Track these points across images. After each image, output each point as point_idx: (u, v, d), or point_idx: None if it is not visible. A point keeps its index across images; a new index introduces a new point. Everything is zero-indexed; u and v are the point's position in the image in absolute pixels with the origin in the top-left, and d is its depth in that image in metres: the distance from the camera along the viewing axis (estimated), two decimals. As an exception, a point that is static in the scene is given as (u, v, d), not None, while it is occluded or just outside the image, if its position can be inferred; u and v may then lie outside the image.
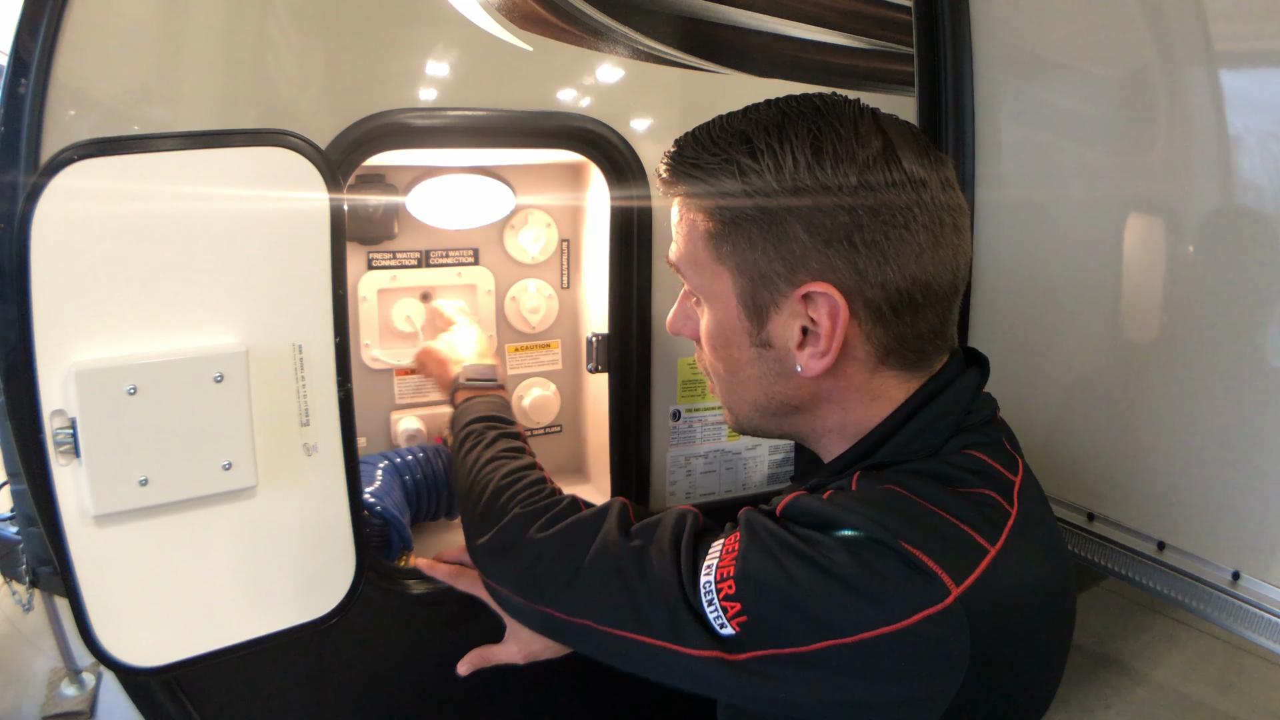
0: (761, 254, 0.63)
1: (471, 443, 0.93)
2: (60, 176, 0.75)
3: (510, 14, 0.98)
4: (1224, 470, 0.99)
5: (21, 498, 0.84)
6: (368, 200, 1.20)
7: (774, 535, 0.61)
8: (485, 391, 1.04)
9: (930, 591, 0.55)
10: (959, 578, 0.56)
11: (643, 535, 0.69)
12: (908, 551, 0.56)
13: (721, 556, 0.62)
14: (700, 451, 1.21)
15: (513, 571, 0.76)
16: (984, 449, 0.65)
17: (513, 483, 0.83)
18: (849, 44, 1.16)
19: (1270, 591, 0.95)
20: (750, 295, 0.65)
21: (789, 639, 0.57)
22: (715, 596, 0.60)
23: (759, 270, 0.64)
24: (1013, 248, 1.23)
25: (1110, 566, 1.11)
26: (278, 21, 0.89)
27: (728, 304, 0.67)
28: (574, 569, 0.70)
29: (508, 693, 1.12)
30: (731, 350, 0.69)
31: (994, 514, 0.61)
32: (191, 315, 0.83)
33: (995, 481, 0.64)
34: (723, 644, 0.60)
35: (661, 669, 0.65)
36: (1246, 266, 0.95)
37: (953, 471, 0.63)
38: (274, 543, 0.91)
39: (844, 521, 0.59)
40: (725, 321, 0.68)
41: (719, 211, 0.64)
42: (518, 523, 0.77)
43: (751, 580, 0.59)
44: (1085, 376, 1.16)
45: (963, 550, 0.58)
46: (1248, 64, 0.94)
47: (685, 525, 0.67)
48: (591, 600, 0.68)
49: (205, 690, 0.98)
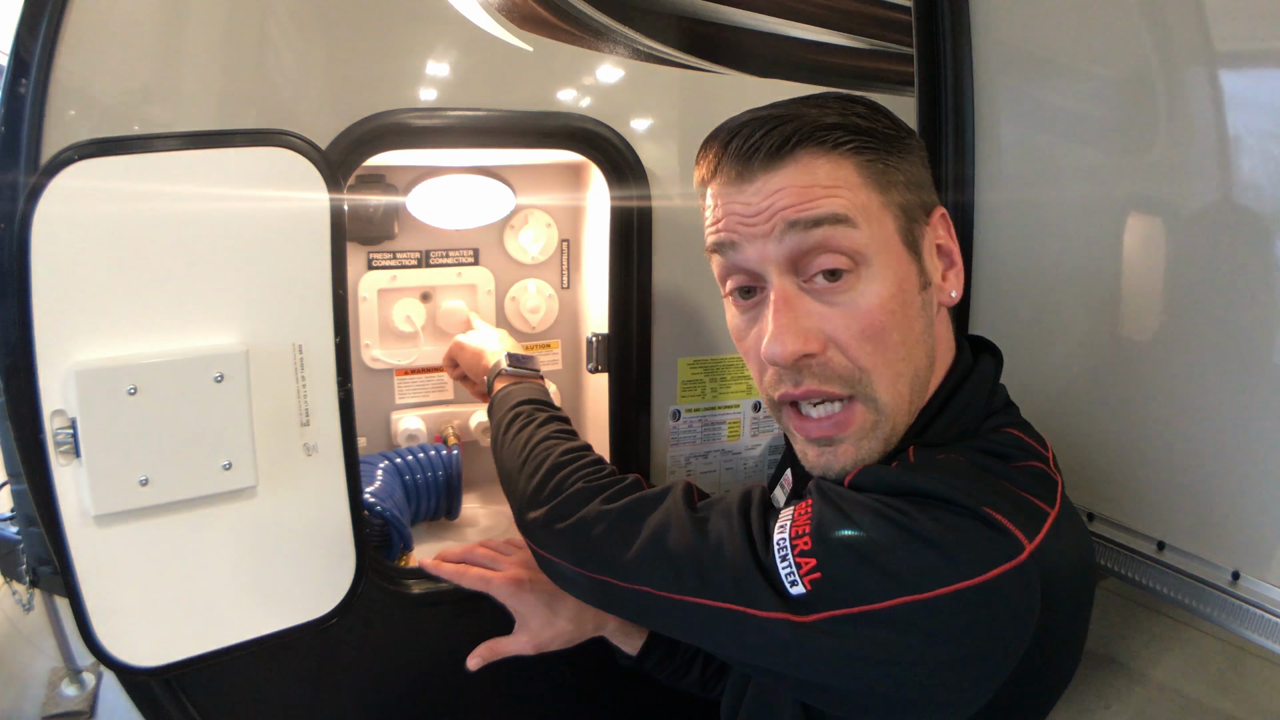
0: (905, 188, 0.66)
1: (522, 422, 0.93)
2: (61, 176, 0.75)
3: (510, 14, 0.98)
4: (1224, 470, 0.99)
5: (22, 498, 0.84)
6: (368, 200, 1.21)
7: (848, 498, 0.61)
8: (526, 379, 1.05)
9: (1007, 547, 0.57)
10: (1030, 535, 0.58)
11: (708, 507, 0.69)
12: (984, 511, 0.58)
13: (795, 518, 0.62)
14: (700, 451, 1.21)
15: (569, 541, 0.76)
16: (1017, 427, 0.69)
17: (573, 460, 0.83)
18: (849, 44, 1.16)
19: (1270, 591, 0.95)
20: (907, 232, 0.66)
21: (862, 596, 0.57)
22: (790, 552, 0.59)
23: (908, 204, 0.66)
24: (1013, 248, 1.23)
25: (1110, 566, 1.11)
26: (278, 21, 0.89)
27: (896, 249, 0.65)
28: (636, 537, 0.70)
29: (508, 692, 1.12)
30: (907, 306, 0.65)
31: (1047, 482, 0.64)
32: (192, 315, 0.83)
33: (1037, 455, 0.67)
34: (791, 604, 0.59)
35: (721, 634, 0.64)
36: (1246, 266, 0.95)
37: (1000, 448, 0.66)
38: (274, 543, 0.91)
39: (919, 486, 0.60)
40: (898, 270, 0.64)
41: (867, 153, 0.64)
42: (580, 496, 0.77)
43: (828, 537, 0.59)
44: (1085, 376, 1.16)
45: (1029, 512, 0.60)
46: (1248, 64, 0.94)
47: (754, 495, 0.68)
48: (654, 567, 0.67)
49: (205, 690, 0.98)
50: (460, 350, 1.15)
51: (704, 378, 1.18)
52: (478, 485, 1.43)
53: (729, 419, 1.21)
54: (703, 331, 1.16)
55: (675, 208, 1.09)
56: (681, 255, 1.11)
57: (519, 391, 1.01)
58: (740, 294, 0.69)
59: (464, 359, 1.14)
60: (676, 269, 1.11)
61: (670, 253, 1.10)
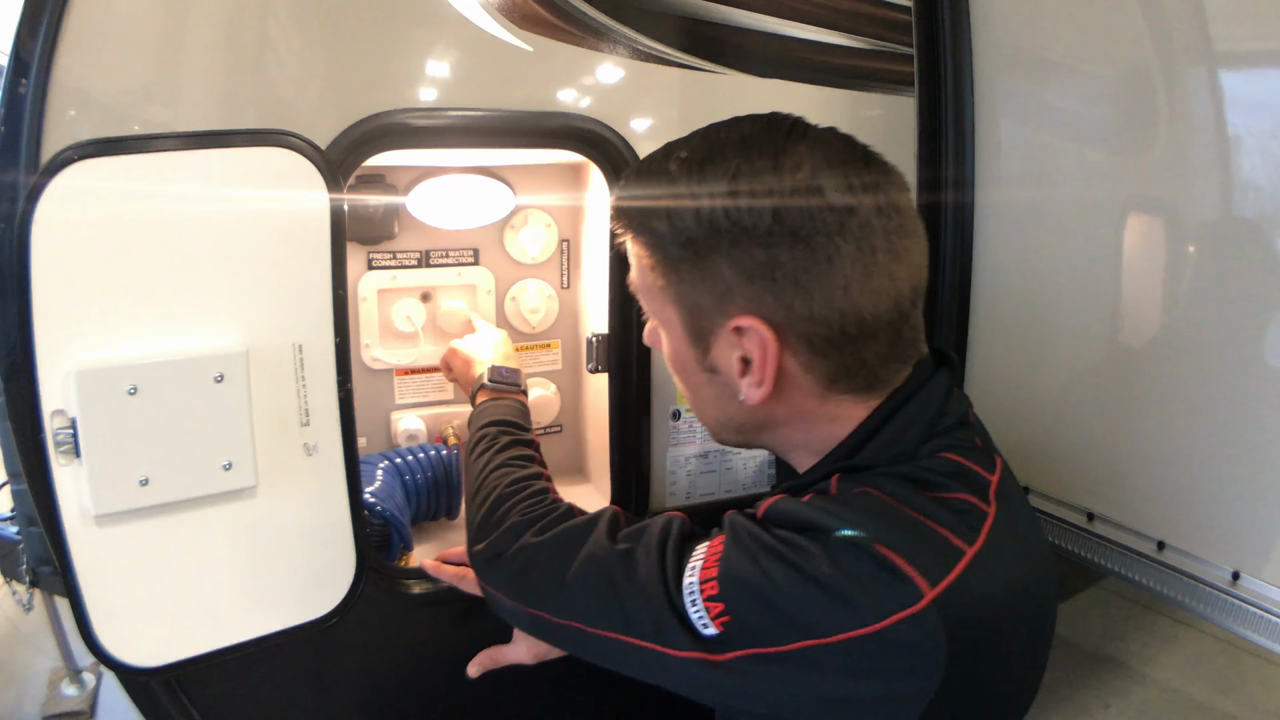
0: (692, 288, 0.65)
1: (484, 446, 0.94)
2: (61, 177, 0.75)
3: (510, 14, 0.98)
4: (1224, 470, 0.99)
5: (22, 498, 0.84)
6: (368, 200, 1.21)
7: (755, 537, 0.62)
8: (505, 395, 1.05)
9: (904, 594, 0.56)
10: (934, 580, 0.57)
11: (630, 540, 0.70)
12: (883, 554, 0.57)
13: (705, 558, 0.63)
14: (700, 451, 1.21)
15: (506, 575, 0.77)
16: (958, 451, 0.65)
17: (516, 492, 0.84)
18: (849, 44, 1.16)
19: (1270, 591, 0.95)
20: (693, 325, 0.67)
21: (769, 639, 0.58)
22: (699, 597, 0.61)
23: (695, 303, 0.66)
24: (1013, 248, 1.23)
25: (1110, 566, 1.11)
26: (278, 21, 0.89)
27: (676, 331, 0.69)
28: (564, 573, 0.71)
29: (508, 693, 1.12)
30: (687, 374, 0.71)
31: (971, 516, 0.62)
32: (192, 315, 0.83)
33: (971, 482, 0.64)
34: (705, 644, 0.60)
35: (647, 670, 0.66)
36: (1246, 266, 0.95)
37: (928, 475, 0.63)
38: (274, 543, 0.91)
39: (822, 524, 0.60)
40: (678, 347, 0.70)
41: (653, 249, 0.66)
42: (514, 530, 0.78)
43: (733, 581, 0.60)
44: (1085, 376, 1.16)
45: (938, 553, 0.59)
46: (1248, 64, 0.94)
47: (672, 530, 0.68)
48: (580, 603, 0.69)
49: (205, 690, 0.98)
50: (454, 356, 1.16)
51: (704, 378, 1.17)
52: (478, 485, 1.43)
53: (729, 419, 1.21)
54: (703, 331, 1.15)
55: (675, 208, 1.09)
56: (681, 255, 1.11)
57: (492, 409, 1.01)
58: None
59: (456, 365, 1.16)
60: (676, 269, 1.11)
61: (670, 253, 1.10)
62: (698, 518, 0.69)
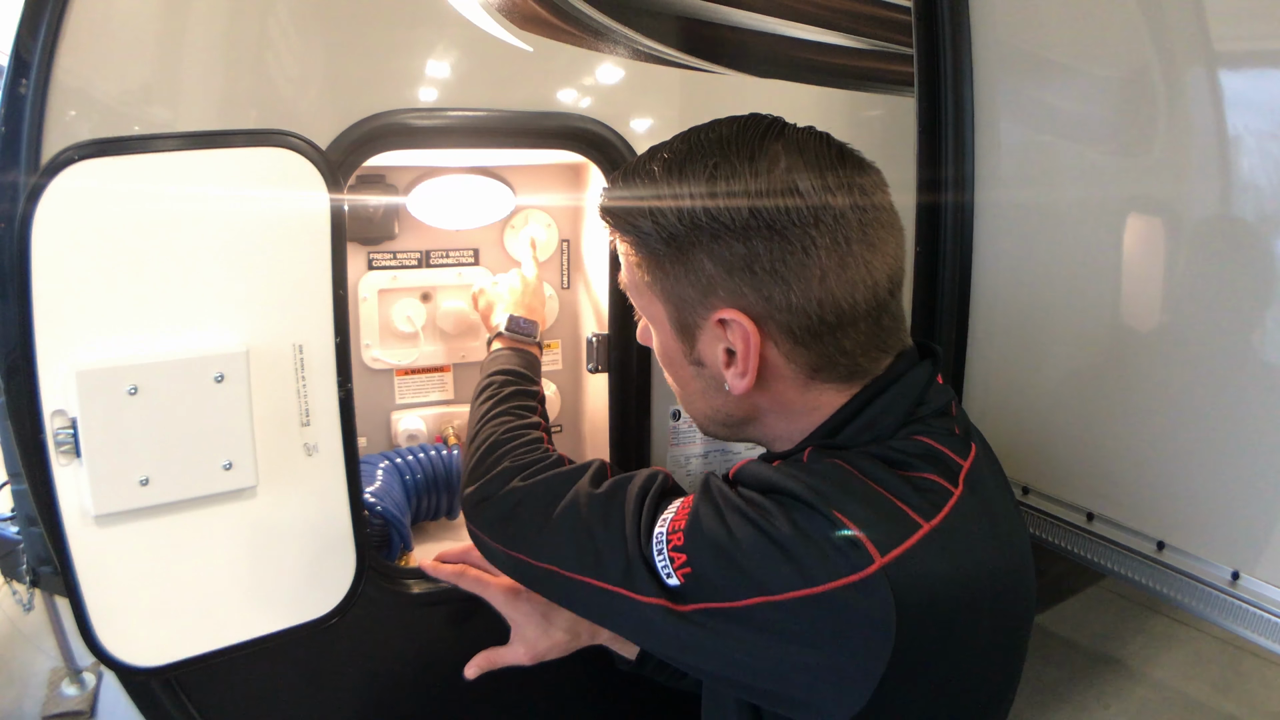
0: (676, 283, 0.67)
1: (489, 394, 0.97)
2: (61, 177, 0.75)
3: (510, 14, 0.98)
4: (1224, 470, 0.99)
5: (22, 498, 0.84)
6: (368, 200, 1.21)
7: (723, 494, 0.64)
8: (520, 345, 1.08)
9: (854, 559, 0.57)
10: (884, 549, 0.58)
11: (612, 489, 0.72)
12: (838, 518, 0.59)
13: (677, 511, 0.65)
14: (700, 451, 1.21)
15: (492, 518, 0.80)
16: (932, 436, 0.67)
17: (510, 439, 0.87)
18: (849, 44, 1.16)
19: (1270, 591, 0.95)
20: (678, 319, 0.69)
21: (726, 593, 0.60)
22: (665, 547, 0.63)
23: (680, 297, 0.68)
24: (1012, 247, 1.23)
25: (1110, 566, 1.11)
26: (278, 21, 0.89)
27: (664, 327, 0.72)
28: (546, 516, 0.74)
29: (507, 693, 1.12)
30: (676, 369, 0.74)
31: (934, 495, 0.63)
32: (192, 315, 0.83)
33: (940, 464, 0.65)
34: (669, 594, 0.63)
35: (615, 615, 0.68)
36: (1246, 266, 0.95)
37: (897, 455, 0.65)
38: (274, 543, 0.91)
39: (784, 486, 0.62)
40: (666, 342, 0.73)
41: (639, 246, 0.69)
42: (504, 474, 0.81)
43: (697, 534, 0.62)
44: (1085, 375, 1.16)
45: (893, 524, 0.60)
46: (1248, 64, 0.94)
47: (654, 483, 0.71)
48: (559, 546, 0.72)
49: (205, 690, 0.98)
50: (482, 294, 1.20)
51: (704, 378, 1.17)
52: (478, 485, 1.43)
53: (729, 419, 1.21)
54: (703, 331, 1.15)
55: (675, 208, 1.09)
56: (681, 255, 1.11)
57: (503, 358, 1.04)
58: None
59: (481, 306, 1.20)
60: (676, 269, 1.11)
61: (670, 253, 1.10)
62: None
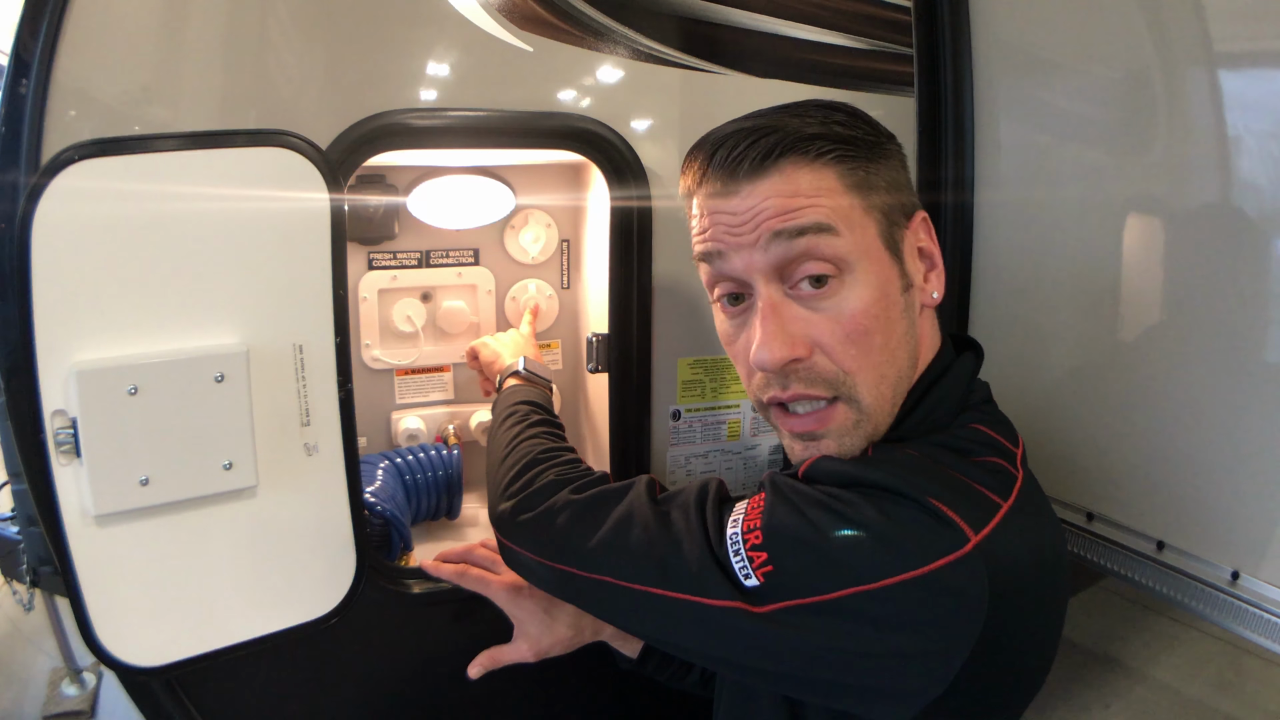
0: (885, 192, 0.67)
1: (516, 419, 0.96)
2: (61, 177, 0.75)
3: (510, 14, 0.98)
4: (1224, 470, 0.99)
5: (22, 497, 0.84)
6: (368, 200, 1.21)
7: (798, 490, 0.63)
8: (534, 384, 1.08)
9: (951, 538, 0.57)
10: (977, 527, 0.58)
11: (668, 500, 0.71)
12: (929, 503, 0.58)
13: (748, 511, 0.64)
14: (700, 451, 1.21)
15: (536, 532, 0.77)
16: (986, 424, 0.68)
17: (549, 456, 0.85)
18: (849, 44, 1.16)
19: (1270, 591, 0.95)
20: (889, 236, 0.67)
21: (813, 587, 0.59)
22: (741, 547, 0.61)
23: (889, 207, 0.67)
24: (1012, 248, 1.23)
25: (1110, 566, 1.11)
26: (278, 21, 0.89)
27: (878, 254, 0.66)
28: (598, 529, 0.71)
29: (509, 692, 1.12)
30: (889, 310, 0.66)
31: (1003, 477, 0.64)
32: (192, 315, 0.83)
33: (1000, 450, 0.67)
34: (746, 595, 0.61)
35: (681, 624, 0.65)
36: (1246, 266, 0.95)
37: (962, 443, 0.66)
38: (274, 543, 0.91)
39: (867, 477, 0.61)
40: (880, 275, 0.66)
41: (848, 161, 0.65)
42: (549, 488, 0.79)
43: (777, 530, 0.61)
44: (1085, 375, 1.16)
45: (978, 504, 0.61)
46: (1248, 64, 0.94)
47: (711, 488, 0.70)
48: (614, 556, 0.69)
49: (205, 690, 0.98)
50: (484, 346, 1.19)
51: (704, 378, 1.18)
52: (478, 485, 1.43)
53: (729, 419, 1.21)
54: (703, 331, 1.16)
55: (675, 208, 1.09)
56: (681, 255, 1.11)
57: (523, 392, 1.04)
58: (729, 300, 0.71)
59: (484, 354, 1.18)
60: (676, 269, 1.11)
61: (670, 253, 1.10)
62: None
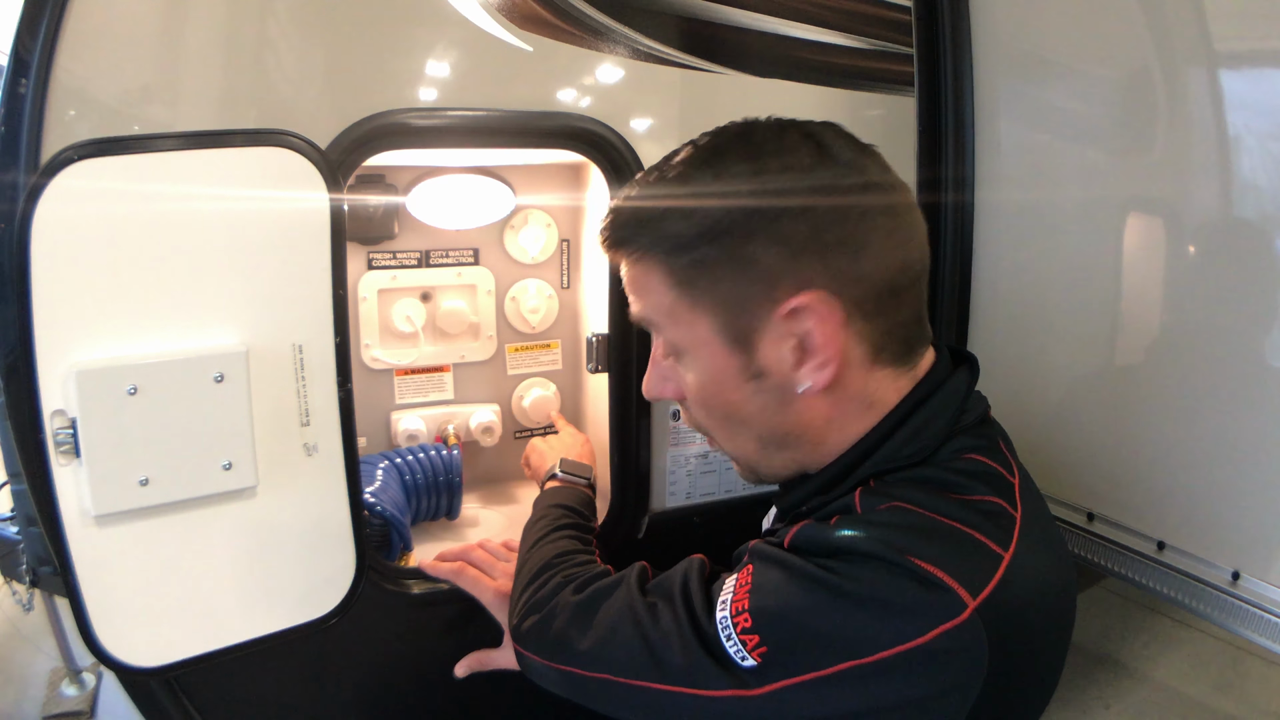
0: (733, 284, 0.63)
1: (543, 525, 0.95)
2: (61, 177, 0.75)
3: (510, 14, 0.98)
4: (1224, 470, 0.99)
5: (22, 498, 0.84)
6: (368, 200, 1.21)
7: (785, 564, 0.61)
8: (573, 485, 1.07)
9: (947, 606, 0.55)
10: (975, 589, 0.56)
11: (656, 589, 0.69)
12: (920, 568, 0.56)
13: (735, 591, 0.62)
14: (700, 451, 1.21)
15: (538, 635, 0.77)
16: (981, 451, 0.65)
17: (563, 560, 0.85)
18: (849, 44, 1.16)
19: (1270, 591, 0.95)
20: (733, 329, 0.64)
21: (809, 664, 0.57)
22: (733, 631, 0.60)
23: (736, 300, 0.63)
24: (1012, 248, 1.23)
25: (1110, 566, 1.11)
26: (278, 21, 0.89)
27: (711, 346, 0.66)
28: (593, 626, 0.70)
29: (507, 692, 1.12)
30: (726, 394, 0.67)
31: (1001, 519, 0.61)
32: (192, 315, 0.83)
33: (997, 484, 0.64)
34: (742, 679, 0.59)
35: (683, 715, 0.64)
36: (1246, 266, 0.95)
37: (954, 478, 0.63)
38: (274, 543, 0.91)
39: (854, 547, 0.59)
40: (713, 365, 0.66)
41: (678, 255, 0.64)
42: (554, 589, 0.78)
43: (767, 611, 0.59)
44: (1085, 376, 1.16)
45: (978, 560, 0.58)
46: (1248, 64, 0.94)
47: (693, 571, 0.68)
48: (611, 653, 0.68)
49: (205, 690, 0.98)
50: (533, 450, 1.21)
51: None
52: (478, 485, 1.43)
53: (729, 419, 1.21)
54: (703, 331, 1.15)
55: (675, 208, 1.09)
56: (681, 255, 1.11)
57: (557, 494, 1.03)
58: None
59: (533, 459, 1.20)
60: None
61: (670, 253, 1.10)
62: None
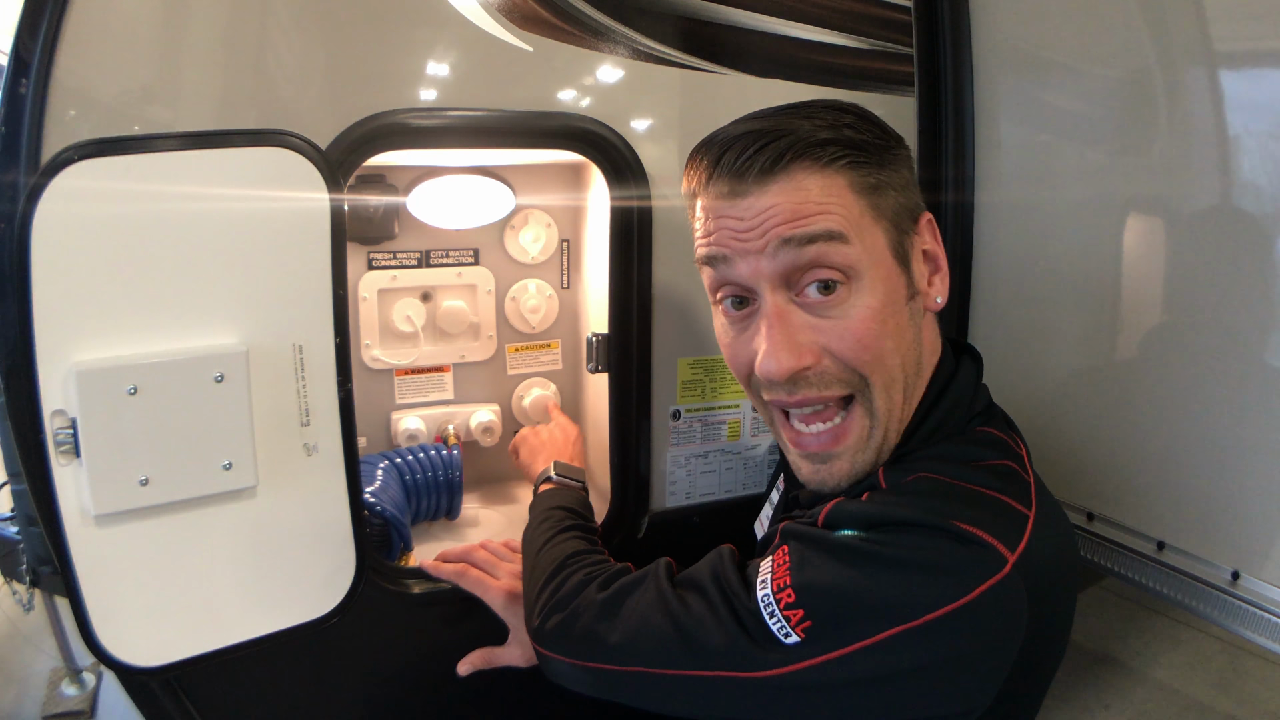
0: (896, 195, 0.65)
1: (547, 526, 0.94)
2: (61, 177, 0.75)
3: (510, 14, 0.98)
4: (1224, 470, 0.99)
5: (22, 498, 0.84)
6: (368, 200, 1.21)
7: (822, 540, 0.61)
8: (568, 487, 1.07)
9: (989, 561, 0.57)
10: (1012, 545, 0.58)
11: (684, 582, 0.69)
12: (960, 528, 0.58)
13: (775, 569, 0.62)
14: (700, 451, 1.21)
15: (563, 635, 0.76)
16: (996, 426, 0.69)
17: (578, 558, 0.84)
18: (849, 44, 1.16)
19: (1270, 591, 0.95)
20: (898, 243, 0.66)
21: (856, 633, 0.58)
22: (776, 608, 0.60)
23: (897, 208, 0.66)
24: (1013, 248, 1.23)
25: (1110, 566, 1.11)
26: (278, 21, 0.89)
27: (886, 264, 0.65)
28: (623, 621, 0.70)
29: (507, 693, 1.12)
30: (896, 317, 0.65)
31: (1018, 482, 0.64)
32: (192, 315, 0.83)
33: (1009, 451, 0.66)
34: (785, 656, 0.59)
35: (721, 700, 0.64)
36: (1246, 266, 0.95)
37: (971, 449, 0.65)
38: (274, 543, 0.91)
39: (891, 515, 0.60)
40: (887, 285, 0.65)
41: (862, 166, 0.64)
42: (576, 587, 0.77)
43: (811, 585, 0.59)
44: (1085, 376, 1.16)
45: (1009, 519, 0.60)
46: (1248, 64, 0.94)
47: (724, 559, 0.68)
48: (643, 644, 0.67)
49: (205, 690, 0.98)
50: (523, 443, 1.19)
51: (704, 378, 1.18)
52: (478, 485, 1.43)
53: (729, 419, 1.21)
54: (702, 331, 1.16)
55: (675, 208, 1.09)
56: (681, 255, 1.11)
57: (555, 496, 1.02)
58: (732, 304, 0.69)
59: (523, 452, 1.19)
60: (676, 269, 1.11)
61: (670, 253, 1.10)
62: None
